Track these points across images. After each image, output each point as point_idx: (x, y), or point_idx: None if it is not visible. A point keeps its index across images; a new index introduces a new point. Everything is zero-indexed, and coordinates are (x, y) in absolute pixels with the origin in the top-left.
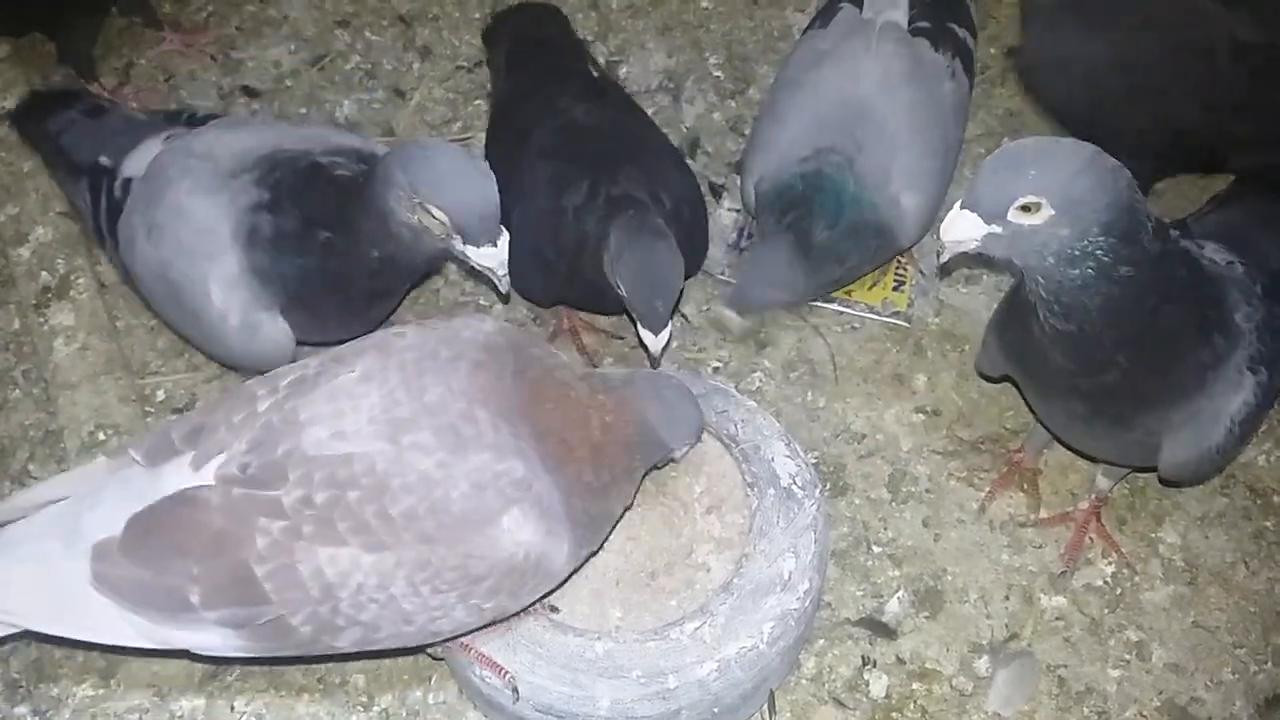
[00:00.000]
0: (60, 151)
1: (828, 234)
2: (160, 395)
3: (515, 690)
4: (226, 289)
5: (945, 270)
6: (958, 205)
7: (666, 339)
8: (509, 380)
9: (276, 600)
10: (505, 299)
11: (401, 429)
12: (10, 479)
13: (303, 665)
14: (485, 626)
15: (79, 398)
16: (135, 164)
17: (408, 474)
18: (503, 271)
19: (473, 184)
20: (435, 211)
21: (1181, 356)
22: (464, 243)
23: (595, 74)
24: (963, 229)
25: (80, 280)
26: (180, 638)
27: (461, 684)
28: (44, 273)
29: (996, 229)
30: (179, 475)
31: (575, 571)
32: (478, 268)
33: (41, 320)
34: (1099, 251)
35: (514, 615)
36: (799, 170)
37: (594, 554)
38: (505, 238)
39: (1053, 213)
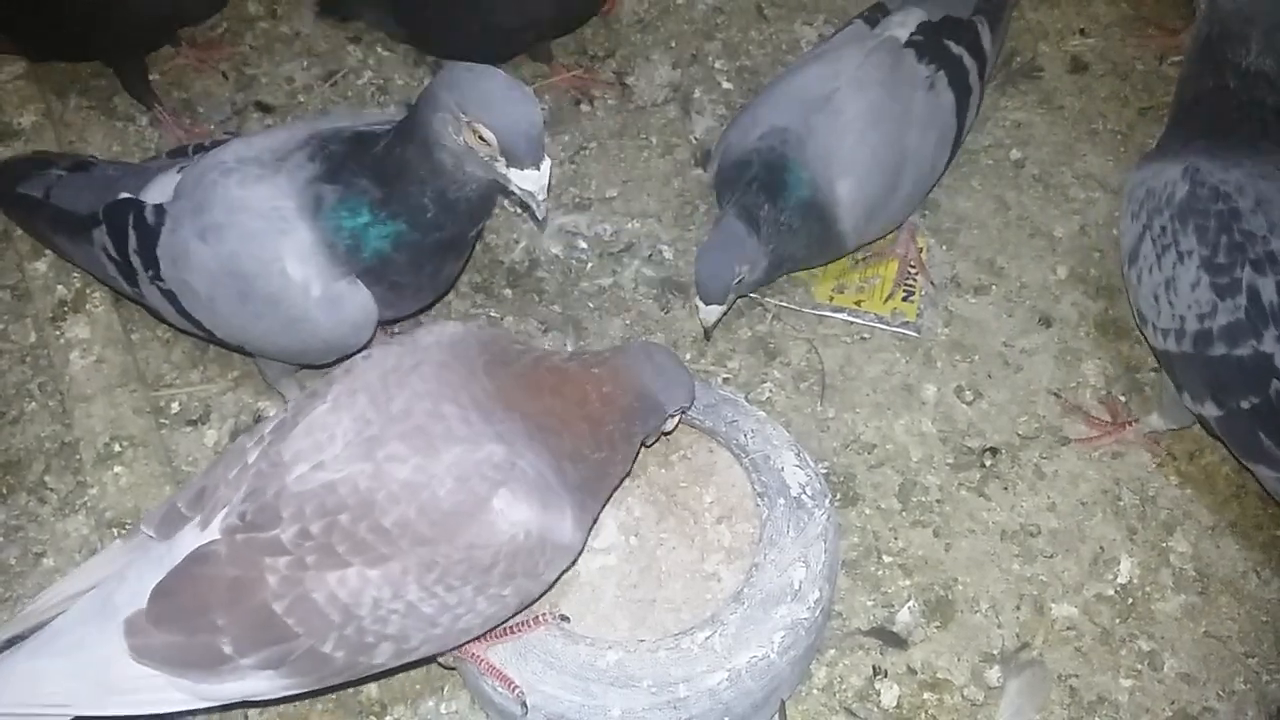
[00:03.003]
0: (57, 211)
1: (773, 209)
2: (175, 407)
3: (524, 705)
4: (303, 260)
5: None
6: None
7: None
8: (481, 373)
9: (302, 632)
10: (542, 226)
11: (374, 446)
12: (27, 490)
13: None
14: (517, 613)
15: (94, 410)
16: (158, 193)
17: (390, 485)
18: (542, 197)
19: (519, 103)
20: (482, 130)
21: None
22: (508, 165)
23: None
24: None
25: (95, 294)
26: (229, 690)
27: (474, 693)
28: (60, 286)
29: None
30: (191, 538)
31: (584, 549)
32: (518, 192)
33: (57, 333)
34: None
35: (527, 625)
36: (754, 146)
37: (598, 516)
38: (549, 164)
39: None
